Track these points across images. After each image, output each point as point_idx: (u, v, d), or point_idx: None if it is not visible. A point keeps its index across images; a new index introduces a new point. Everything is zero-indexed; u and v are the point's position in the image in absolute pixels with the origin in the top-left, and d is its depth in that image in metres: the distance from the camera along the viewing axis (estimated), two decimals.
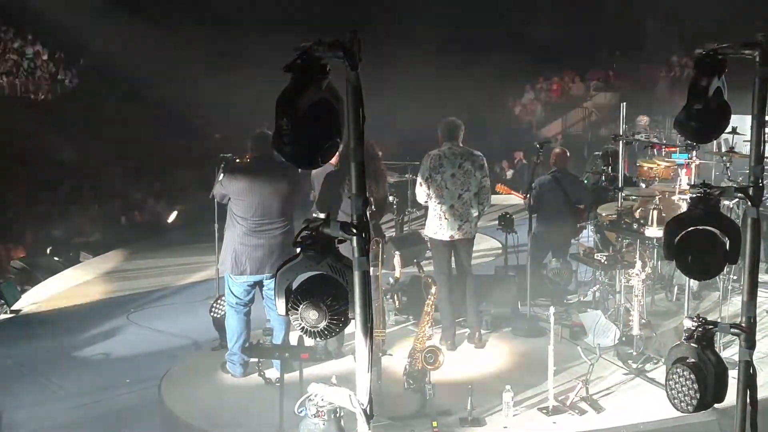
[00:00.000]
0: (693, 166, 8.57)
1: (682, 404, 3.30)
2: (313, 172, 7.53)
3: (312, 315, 2.71)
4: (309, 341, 5.79)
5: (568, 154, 9.17)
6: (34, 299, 9.89)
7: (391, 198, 10.67)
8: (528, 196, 8.52)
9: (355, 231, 2.66)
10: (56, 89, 22.38)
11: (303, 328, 2.75)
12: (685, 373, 3.27)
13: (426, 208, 7.99)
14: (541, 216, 8.78)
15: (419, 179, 7.63)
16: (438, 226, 7.55)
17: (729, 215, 7.55)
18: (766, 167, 3.65)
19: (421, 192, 7.59)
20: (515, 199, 10.05)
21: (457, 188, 7.48)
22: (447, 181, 7.47)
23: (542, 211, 8.74)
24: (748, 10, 17.16)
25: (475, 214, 7.57)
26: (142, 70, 19.30)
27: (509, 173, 17.95)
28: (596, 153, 10.97)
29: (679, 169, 9.13)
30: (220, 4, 22.11)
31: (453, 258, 7.69)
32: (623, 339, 7.32)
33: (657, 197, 7.90)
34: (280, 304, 2.76)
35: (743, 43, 3.19)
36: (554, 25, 20.32)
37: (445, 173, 7.48)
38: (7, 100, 20.64)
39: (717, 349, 3.36)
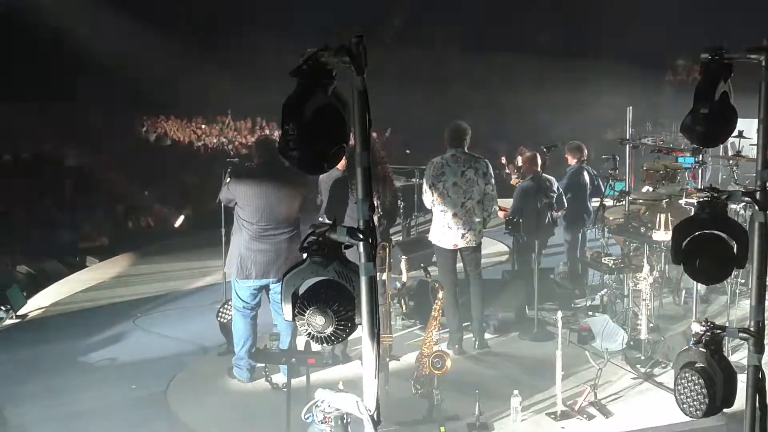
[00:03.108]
0: (700, 170, 8.52)
1: (691, 409, 3.29)
2: (321, 177, 7.53)
3: (318, 320, 2.70)
4: (316, 346, 5.78)
5: (539, 158, 8.92)
6: (40, 304, 9.89)
7: (399, 202, 10.64)
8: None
9: (361, 236, 2.65)
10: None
11: (309, 333, 2.74)
12: (693, 377, 3.26)
13: (432, 212, 7.96)
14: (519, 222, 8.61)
15: (425, 185, 7.60)
16: (442, 234, 7.52)
17: (736, 219, 7.53)
18: None
19: (428, 198, 7.56)
20: None
21: (459, 197, 7.42)
22: (449, 190, 7.41)
23: (519, 216, 8.56)
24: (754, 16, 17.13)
25: (479, 221, 7.53)
26: (148, 74, 19.32)
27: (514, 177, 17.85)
28: (604, 156, 10.90)
29: (686, 173, 9.09)
30: (231, 8, 22.15)
31: (462, 263, 7.67)
32: (631, 343, 7.30)
33: (664, 201, 7.88)
34: (287, 309, 2.75)
35: (749, 48, 3.18)
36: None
37: (446, 182, 7.42)
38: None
39: (725, 354, 3.34)
